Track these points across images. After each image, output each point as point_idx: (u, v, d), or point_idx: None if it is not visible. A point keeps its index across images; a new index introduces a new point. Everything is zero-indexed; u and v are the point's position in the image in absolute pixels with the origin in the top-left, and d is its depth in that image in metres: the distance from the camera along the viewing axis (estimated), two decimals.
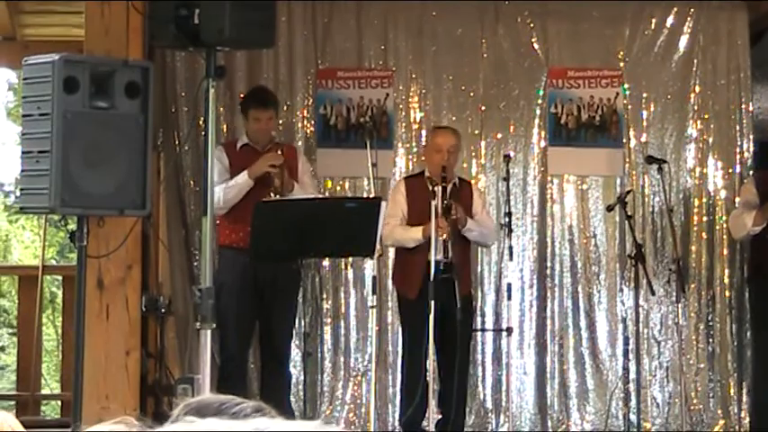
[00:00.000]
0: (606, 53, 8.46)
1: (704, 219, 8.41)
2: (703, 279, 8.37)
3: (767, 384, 7.91)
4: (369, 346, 7.89)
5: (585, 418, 8.20)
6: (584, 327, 8.31)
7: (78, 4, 7.20)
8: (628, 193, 8.00)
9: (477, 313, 8.17)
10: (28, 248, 16.73)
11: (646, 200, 8.41)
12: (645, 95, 8.46)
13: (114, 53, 6.44)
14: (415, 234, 7.28)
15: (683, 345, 8.15)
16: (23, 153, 5.42)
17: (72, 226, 5.52)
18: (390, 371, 8.03)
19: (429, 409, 7.13)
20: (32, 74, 5.38)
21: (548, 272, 8.35)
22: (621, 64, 8.44)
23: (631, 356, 7.95)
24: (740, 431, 8.16)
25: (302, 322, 7.82)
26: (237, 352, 7.40)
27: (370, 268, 7.72)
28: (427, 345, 6.98)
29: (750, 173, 8.30)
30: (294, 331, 7.59)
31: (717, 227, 8.39)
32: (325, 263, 8.15)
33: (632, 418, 7.88)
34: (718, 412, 8.23)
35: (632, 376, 7.94)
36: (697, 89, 8.45)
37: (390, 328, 8.09)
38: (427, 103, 8.38)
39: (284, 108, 8.11)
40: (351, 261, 8.08)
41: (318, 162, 8.22)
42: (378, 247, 6.83)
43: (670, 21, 8.47)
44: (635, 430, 7.87)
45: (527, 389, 8.26)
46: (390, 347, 8.08)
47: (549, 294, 8.33)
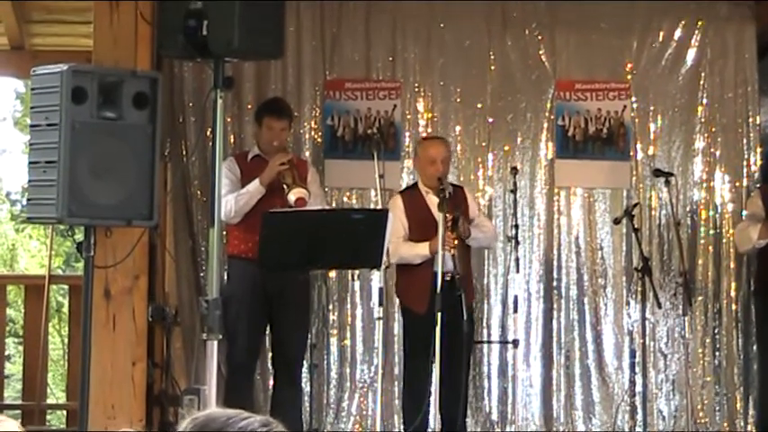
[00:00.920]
0: (614, 65, 8.45)
1: (711, 232, 8.40)
2: (710, 292, 8.36)
3: None
4: (375, 357, 7.89)
5: (591, 430, 8.19)
6: (590, 339, 8.30)
7: (87, 14, 7.21)
8: (635, 205, 7.99)
9: (484, 325, 8.18)
10: (34, 257, 16.74)
11: (653, 213, 8.40)
12: (652, 108, 8.46)
13: (123, 63, 6.43)
14: (422, 251, 7.25)
15: (689, 358, 8.14)
16: (31, 163, 5.41)
17: (79, 236, 5.51)
18: (397, 383, 8.00)
19: (435, 420, 7.12)
20: (41, 84, 5.38)
21: (554, 284, 8.34)
22: (629, 77, 8.45)
23: (638, 369, 7.92)
24: None
25: (309, 333, 7.81)
26: (246, 362, 7.37)
27: (376, 280, 7.70)
28: (433, 356, 6.97)
29: (757, 186, 8.29)
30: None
31: (724, 240, 8.38)
32: (332, 274, 8.14)
33: (638, 431, 7.85)
34: (725, 426, 8.21)
35: (638, 389, 7.91)
36: (704, 102, 8.46)
37: (397, 339, 8.07)
38: (435, 114, 8.38)
39: None
40: (357, 272, 8.06)
41: (326, 173, 8.22)
42: (384, 259, 6.82)
43: (678, 34, 8.47)
44: None
45: (533, 401, 8.24)
46: (397, 359, 8.06)
47: (555, 307, 8.32)
